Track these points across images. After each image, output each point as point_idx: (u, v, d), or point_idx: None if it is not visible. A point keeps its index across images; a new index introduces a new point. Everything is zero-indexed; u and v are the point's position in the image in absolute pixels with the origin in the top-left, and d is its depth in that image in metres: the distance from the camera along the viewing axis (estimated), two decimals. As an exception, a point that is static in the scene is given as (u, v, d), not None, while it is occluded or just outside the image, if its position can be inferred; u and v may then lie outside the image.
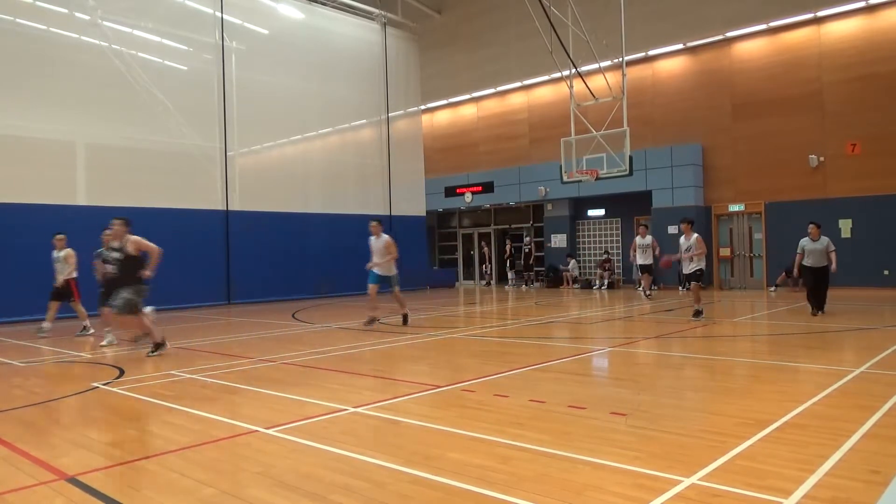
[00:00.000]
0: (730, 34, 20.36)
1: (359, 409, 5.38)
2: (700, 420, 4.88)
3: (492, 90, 26.23)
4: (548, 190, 23.23)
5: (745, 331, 10.53)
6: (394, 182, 23.11)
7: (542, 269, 24.70)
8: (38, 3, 15.59)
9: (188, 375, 7.26)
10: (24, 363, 8.61)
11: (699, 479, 3.52)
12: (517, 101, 25.83)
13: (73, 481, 3.80)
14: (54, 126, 15.48)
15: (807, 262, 12.06)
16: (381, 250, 11.67)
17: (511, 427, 4.69)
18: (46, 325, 11.63)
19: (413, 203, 23.95)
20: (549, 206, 24.44)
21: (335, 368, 7.57)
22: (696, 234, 12.11)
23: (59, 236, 11.55)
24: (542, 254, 24.97)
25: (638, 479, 3.56)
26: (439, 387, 6.31)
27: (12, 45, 14.91)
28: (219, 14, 18.53)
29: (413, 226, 23.77)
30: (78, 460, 4.20)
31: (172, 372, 7.48)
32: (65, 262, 11.43)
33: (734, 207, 20.42)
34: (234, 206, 18.57)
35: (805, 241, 12.14)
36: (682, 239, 12.32)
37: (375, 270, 11.74)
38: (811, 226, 12.14)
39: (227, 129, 18.51)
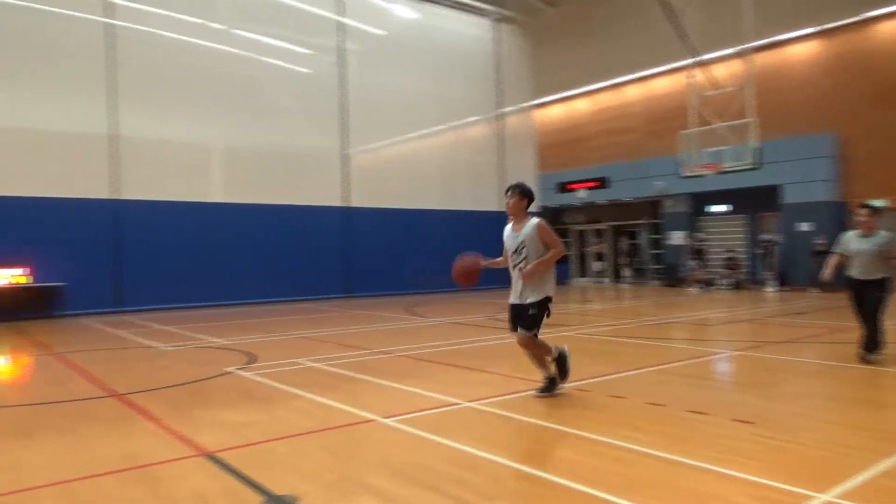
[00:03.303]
0: (869, 14, 18.65)
1: (472, 404, 5.46)
2: (834, 432, 4.55)
3: (606, 83, 25.59)
4: (665, 185, 22.37)
5: (891, 338, 9.65)
6: (506, 178, 23.10)
7: (661, 267, 23.84)
8: (175, 14, 16.89)
9: (311, 364, 7.66)
10: (172, 347, 9.43)
11: (834, 497, 3.29)
12: (632, 93, 25.03)
13: (212, 458, 4.13)
14: (191, 129, 16.82)
15: (851, 270, 7.39)
16: None
17: (626, 429, 4.59)
18: None
19: (526, 199, 23.80)
20: (667, 202, 23.53)
21: (449, 362, 7.70)
22: (535, 219, 5.68)
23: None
24: (661, 251, 24.10)
25: (764, 492, 3.38)
26: (552, 385, 6.26)
27: (153, 56, 16.29)
28: (339, 18, 19.33)
29: (526, 222, 23.65)
30: (215, 438, 4.56)
31: (297, 360, 7.92)
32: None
33: (874, 203, 18.71)
34: (354, 202, 19.35)
35: (850, 237, 7.47)
36: (506, 230, 5.84)
37: None
38: (862, 210, 7.42)
39: (346, 129, 19.30)
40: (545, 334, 5.76)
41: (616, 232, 26.38)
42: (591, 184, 25.17)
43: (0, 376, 8.31)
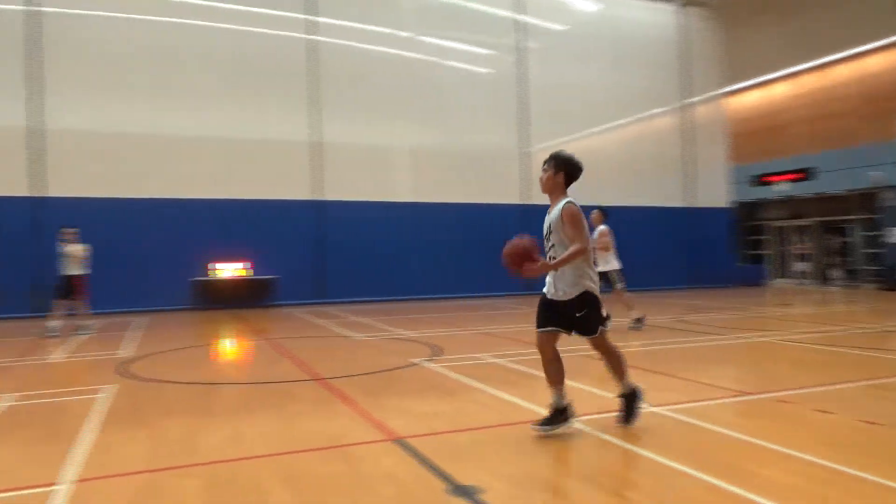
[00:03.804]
0: None
1: (657, 409, 5.27)
2: None
3: (810, 64, 23.09)
4: (883, 175, 19.74)
5: None
6: (694, 171, 21.87)
7: (878, 268, 21.10)
8: (367, 25, 18.07)
9: (492, 359, 7.85)
10: (366, 337, 10.19)
11: None
12: (841, 73, 22.33)
13: (401, 443, 4.41)
14: (382, 133, 17.98)
15: None
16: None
17: (834, 448, 4.16)
18: (54, 324, 10.69)
19: (716, 193, 22.43)
20: (886, 195, 20.73)
21: (632, 364, 7.44)
22: (564, 201, 5.22)
23: (69, 230, 10.89)
24: (878, 250, 21.32)
25: None
26: (748, 394, 5.86)
27: (348, 66, 17.59)
28: (518, 17, 19.50)
29: (717, 218, 22.24)
30: (404, 425, 4.86)
31: (479, 355, 8.16)
32: (72, 256, 10.77)
33: None
34: (534, 199, 19.45)
35: None
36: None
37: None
38: None
39: (525, 127, 19.45)
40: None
41: (822, 229, 23.77)
42: (792, 175, 22.92)
43: (227, 358, 9.56)
